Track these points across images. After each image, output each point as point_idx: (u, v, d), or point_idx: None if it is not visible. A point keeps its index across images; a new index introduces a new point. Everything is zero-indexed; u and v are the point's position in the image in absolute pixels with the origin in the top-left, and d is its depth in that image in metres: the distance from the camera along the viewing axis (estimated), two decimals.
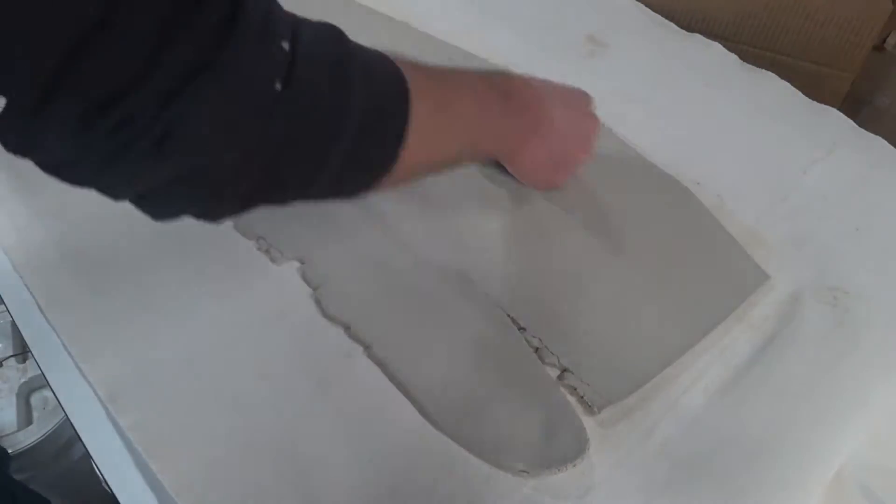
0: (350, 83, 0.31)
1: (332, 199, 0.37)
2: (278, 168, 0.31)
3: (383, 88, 0.34)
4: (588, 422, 0.45)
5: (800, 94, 0.68)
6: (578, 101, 0.52)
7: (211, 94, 0.27)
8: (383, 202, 0.55)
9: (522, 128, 0.47)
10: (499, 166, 0.54)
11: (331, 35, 0.33)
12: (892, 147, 0.64)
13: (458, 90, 0.41)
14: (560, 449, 0.43)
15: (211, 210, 0.33)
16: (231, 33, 0.27)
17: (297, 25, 0.31)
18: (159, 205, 0.32)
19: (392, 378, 0.46)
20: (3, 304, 0.53)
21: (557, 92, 0.50)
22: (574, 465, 0.42)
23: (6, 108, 0.26)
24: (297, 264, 0.52)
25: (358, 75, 0.32)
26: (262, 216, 0.53)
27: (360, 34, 0.76)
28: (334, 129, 0.31)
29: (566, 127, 0.49)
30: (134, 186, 0.30)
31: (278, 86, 0.28)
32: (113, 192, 0.31)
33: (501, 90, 0.44)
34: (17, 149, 0.28)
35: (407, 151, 0.35)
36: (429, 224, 0.54)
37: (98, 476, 0.45)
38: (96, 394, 0.45)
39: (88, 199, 0.55)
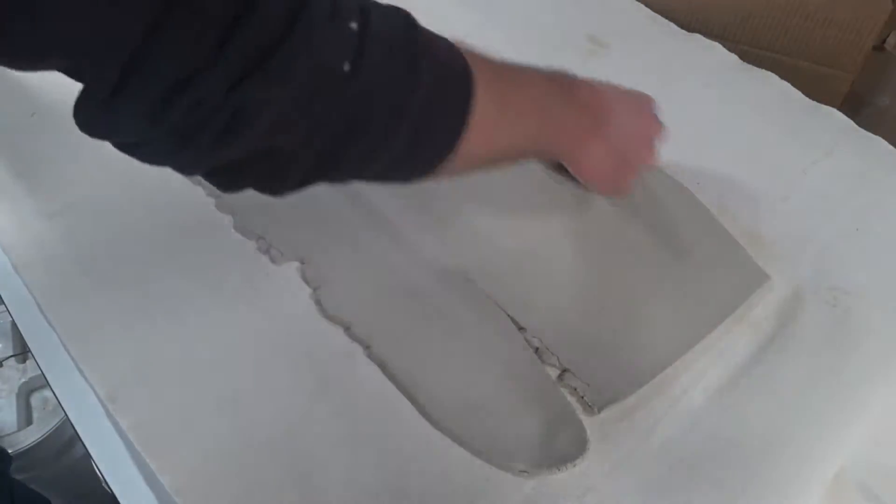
0: (417, 66, 0.32)
1: (389, 181, 0.37)
2: (342, 147, 0.31)
3: (448, 73, 0.34)
4: (588, 422, 0.45)
5: (800, 94, 0.68)
6: (642, 103, 0.51)
7: (279, 77, 0.27)
8: (383, 202, 0.55)
9: (584, 125, 0.46)
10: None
11: (398, 17, 0.33)
12: (892, 147, 0.64)
13: (520, 82, 0.41)
14: (560, 449, 0.43)
15: (274, 187, 0.33)
16: (300, 15, 0.27)
17: (365, 6, 0.31)
18: (227, 180, 0.32)
19: (392, 378, 0.46)
20: (3, 304, 0.53)
21: (620, 93, 0.49)
22: (574, 465, 0.42)
23: (83, 93, 0.27)
24: (297, 264, 0.52)
25: (424, 58, 0.32)
26: (263, 217, 0.54)
27: None
28: (399, 110, 0.31)
29: (629, 128, 0.48)
30: (205, 165, 0.31)
31: (346, 66, 0.29)
32: (186, 169, 0.32)
33: (564, 86, 0.44)
34: (94, 131, 0.29)
35: (468, 139, 0.35)
36: (429, 224, 0.54)
37: (98, 476, 0.45)
38: (96, 394, 0.45)
39: (88, 200, 0.55)
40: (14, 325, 0.71)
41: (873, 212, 0.58)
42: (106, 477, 0.45)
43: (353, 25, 0.29)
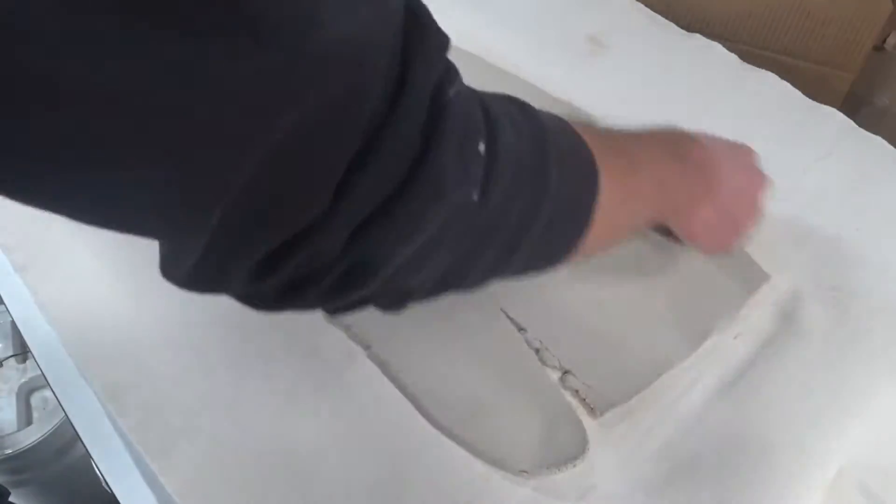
0: (546, 178, 0.29)
1: (508, 280, 0.35)
2: (468, 266, 0.29)
3: (576, 175, 0.31)
4: (588, 422, 0.45)
5: (800, 94, 0.68)
6: (745, 157, 0.49)
7: (408, 224, 0.24)
8: None
9: (696, 190, 0.44)
10: None
11: (523, 119, 0.30)
12: (892, 147, 0.64)
13: (640, 162, 0.38)
14: (560, 449, 0.43)
15: (392, 309, 0.32)
16: (431, 144, 0.23)
17: (490, 113, 0.27)
18: (336, 310, 0.30)
19: (392, 379, 0.46)
20: (3, 304, 0.53)
21: (726, 149, 0.47)
22: (574, 466, 0.42)
23: (172, 255, 0.26)
24: None
25: (554, 166, 0.29)
26: None
27: None
28: (528, 225, 0.29)
29: (736, 187, 0.46)
30: (314, 308, 0.29)
31: (475, 196, 0.25)
32: (297, 310, 0.29)
33: (678, 155, 0.42)
34: (203, 289, 0.28)
35: (591, 231, 0.33)
36: None
37: (98, 476, 0.45)
38: (96, 394, 0.45)
39: None
40: (14, 325, 0.71)
41: (873, 212, 0.58)
42: (106, 477, 0.45)
43: (482, 147, 0.25)
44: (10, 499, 0.90)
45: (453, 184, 0.24)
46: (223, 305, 0.49)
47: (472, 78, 0.73)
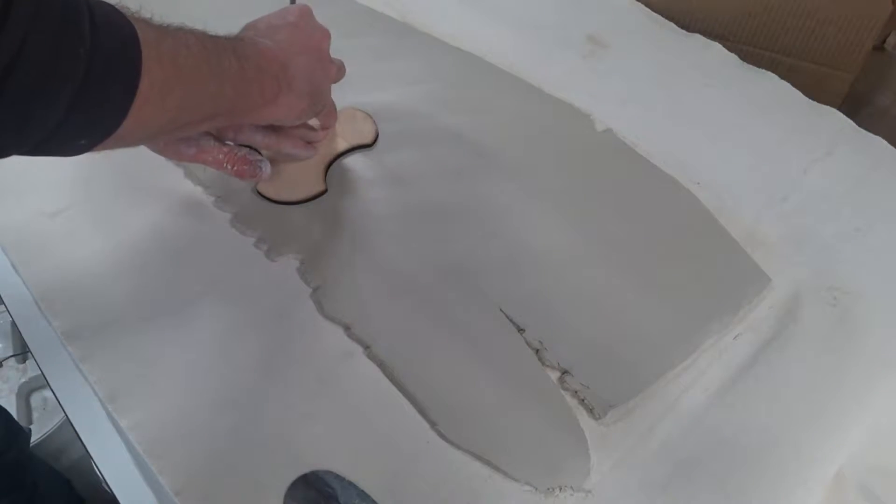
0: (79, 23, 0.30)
1: (59, 148, 0.35)
2: (5, 110, 0.29)
3: (113, 35, 0.33)
4: (588, 422, 0.45)
5: (800, 94, 0.68)
6: (301, 24, 0.49)
7: None
8: (383, 202, 0.55)
9: (267, 89, 0.45)
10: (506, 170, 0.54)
11: None
12: (892, 147, 0.64)
13: (188, 49, 0.38)
14: (559, 450, 0.43)
15: None
16: None
17: None
18: None
19: (392, 378, 0.46)
20: (3, 304, 0.53)
21: (281, 28, 0.48)
22: (573, 466, 0.42)
23: None
24: (296, 264, 0.52)
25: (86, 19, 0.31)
26: (261, 215, 0.54)
27: (361, 34, 0.76)
28: (63, 69, 0.30)
29: (306, 62, 0.47)
30: None
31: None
32: None
33: (230, 50, 0.42)
34: None
35: (139, 106, 0.34)
36: (428, 225, 0.54)
37: (98, 476, 0.45)
38: (96, 394, 0.45)
39: (89, 200, 0.55)
40: (14, 325, 0.71)
41: (873, 212, 0.58)
42: (106, 477, 0.45)
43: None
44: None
45: None
46: (223, 306, 0.49)
47: (473, 78, 0.74)
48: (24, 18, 0.29)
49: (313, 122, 0.57)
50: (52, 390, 0.49)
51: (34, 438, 0.92)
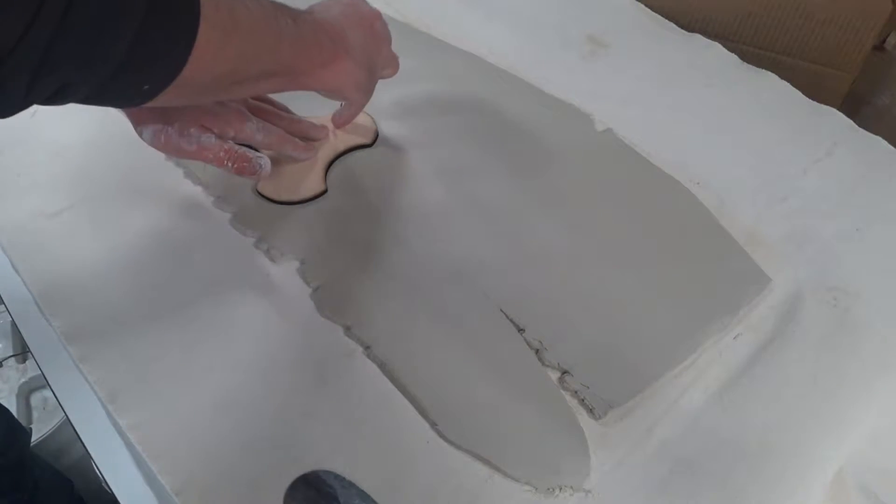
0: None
1: (107, 102, 0.36)
2: (69, 44, 0.30)
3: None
4: (588, 422, 0.45)
5: (800, 94, 0.68)
6: (366, 18, 0.51)
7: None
8: (383, 202, 0.55)
9: (325, 49, 0.46)
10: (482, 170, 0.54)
11: None
12: (892, 147, 0.64)
13: (244, 4, 0.39)
14: (559, 450, 0.43)
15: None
16: None
17: None
18: None
19: (392, 378, 0.46)
20: (3, 304, 0.53)
21: (343, 12, 0.49)
22: (574, 466, 0.42)
23: None
24: (296, 264, 0.52)
25: None
26: (262, 215, 0.54)
27: None
28: (125, 3, 0.31)
29: (365, 41, 0.49)
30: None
31: None
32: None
33: (288, 12, 0.43)
34: None
35: (200, 49, 0.34)
36: (428, 225, 0.54)
37: (98, 476, 0.45)
38: (96, 394, 0.45)
39: (88, 200, 0.55)
40: (14, 325, 0.71)
41: (873, 212, 0.58)
42: (106, 477, 0.45)
43: None
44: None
45: None
46: (223, 306, 0.49)
47: (473, 78, 0.74)
48: None
49: (316, 120, 0.57)
50: (52, 390, 0.49)
51: (34, 438, 0.93)
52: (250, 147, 0.49)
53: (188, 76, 0.35)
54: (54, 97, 0.32)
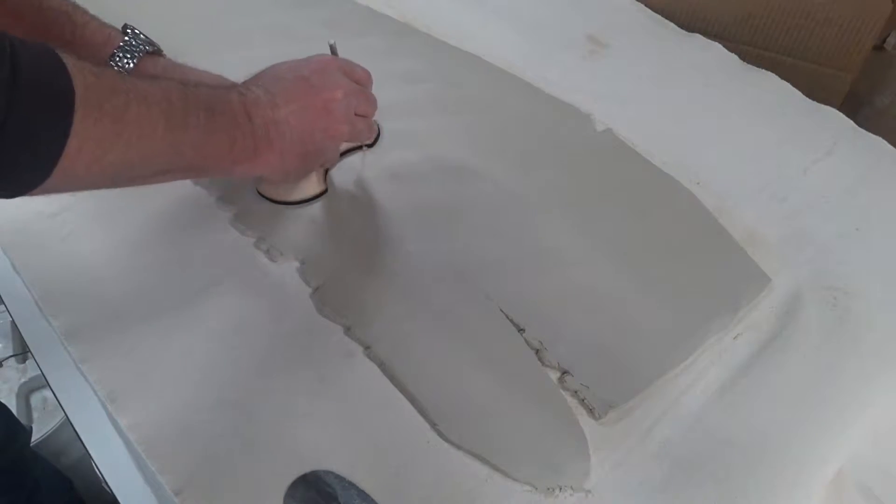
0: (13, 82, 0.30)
1: None
2: None
3: (47, 92, 0.32)
4: (588, 422, 0.45)
5: (800, 94, 0.68)
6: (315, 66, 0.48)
7: None
8: (383, 202, 0.55)
9: (248, 142, 0.44)
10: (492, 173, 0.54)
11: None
12: (892, 147, 0.64)
13: (146, 106, 0.37)
14: (559, 450, 0.43)
15: None
16: None
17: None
18: None
19: (392, 378, 0.46)
20: (3, 304, 0.53)
21: (287, 78, 0.47)
22: (574, 466, 0.42)
23: None
24: (296, 264, 0.52)
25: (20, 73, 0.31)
26: (262, 215, 0.54)
27: (362, 35, 0.76)
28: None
29: (302, 121, 0.46)
30: None
31: None
32: None
33: (205, 106, 0.41)
34: None
35: (69, 157, 0.33)
36: (428, 225, 0.54)
37: (98, 476, 0.45)
38: (96, 394, 0.45)
39: (89, 200, 0.55)
40: (14, 325, 0.71)
41: (873, 212, 0.58)
42: (106, 477, 0.45)
43: None
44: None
45: None
46: (224, 306, 0.49)
47: (473, 78, 0.74)
48: None
49: None
50: (52, 390, 0.49)
51: (34, 438, 0.93)
52: None
53: (54, 185, 0.34)
54: None
